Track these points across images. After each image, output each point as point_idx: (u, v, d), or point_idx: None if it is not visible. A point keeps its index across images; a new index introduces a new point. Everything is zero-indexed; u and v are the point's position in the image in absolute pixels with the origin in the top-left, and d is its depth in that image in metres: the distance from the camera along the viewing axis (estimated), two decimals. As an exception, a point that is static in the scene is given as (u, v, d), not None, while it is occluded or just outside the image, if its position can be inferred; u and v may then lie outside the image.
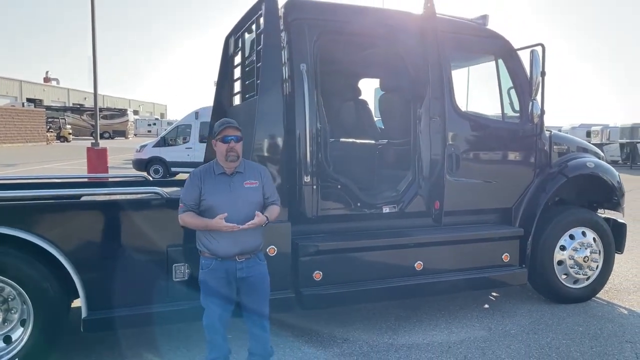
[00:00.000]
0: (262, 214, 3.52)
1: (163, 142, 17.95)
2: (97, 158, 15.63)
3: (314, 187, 4.49)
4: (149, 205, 4.08)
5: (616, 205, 5.93)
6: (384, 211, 4.77)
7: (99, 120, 17.72)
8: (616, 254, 5.77)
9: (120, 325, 3.91)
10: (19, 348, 3.68)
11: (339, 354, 4.24)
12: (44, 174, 10.74)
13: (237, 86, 6.10)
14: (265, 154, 4.33)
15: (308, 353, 4.24)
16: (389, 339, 4.56)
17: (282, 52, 4.51)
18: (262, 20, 4.82)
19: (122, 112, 59.14)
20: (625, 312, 5.32)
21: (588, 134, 32.97)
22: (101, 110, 50.82)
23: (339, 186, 4.62)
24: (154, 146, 17.95)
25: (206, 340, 3.64)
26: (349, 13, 4.71)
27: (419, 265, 4.78)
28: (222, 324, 3.60)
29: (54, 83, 69.90)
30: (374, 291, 4.61)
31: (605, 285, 5.75)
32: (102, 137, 44.37)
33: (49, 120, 47.67)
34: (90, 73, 18.19)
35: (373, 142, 5.64)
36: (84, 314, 3.74)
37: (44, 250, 3.65)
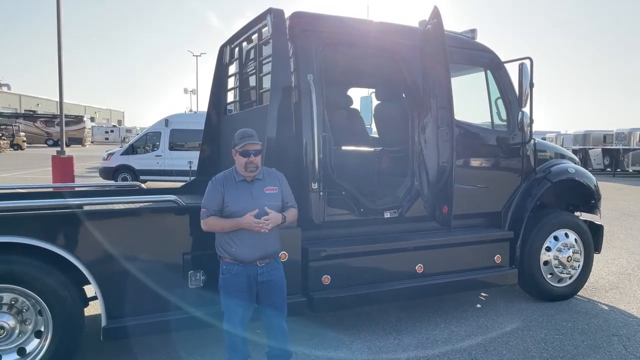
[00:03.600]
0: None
1: (131, 150, 17.58)
2: (62, 167, 15.07)
3: (321, 193, 4.62)
4: (166, 213, 4.11)
5: (593, 208, 6.33)
6: (386, 216, 4.95)
7: (53, 127, 17.11)
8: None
9: (139, 333, 3.92)
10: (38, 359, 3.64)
11: (350, 356, 4.37)
12: (38, 184, 10.35)
13: (230, 95, 6.19)
14: (274, 161, 4.42)
15: (320, 356, 4.35)
16: (394, 339, 4.73)
17: (290, 63, 4.64)
18: (265, 30, 4.95)
19: (79, 119, 57.31)
20: (606, 308, 5.68)
21: (543, 141, 34.48)
22: (56, 117, 49.11)
23: (343, 192, 4.78)
24: (122, 154, 17.56)
25: (226, 344, 3.69)
26: (353, 26, 4.89)
27: (419, 267, 4.98)
28: (243, 327, 3.66)
29: (4, 89, 67.24)
30: (379, 293, 4.78)
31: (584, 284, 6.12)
32: (57, 144, 42.81)
33: (2, 127, 45.81)
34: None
35: (373, 149, 5.82)
36: (103, 322, 3.74)
37: (61, 259, 3.64)
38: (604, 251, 8.02)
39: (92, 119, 72.13)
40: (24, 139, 47.21)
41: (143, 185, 6.22)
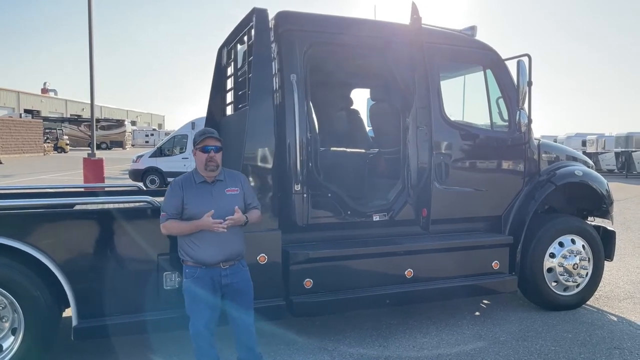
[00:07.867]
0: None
1: (159, 153, 18.00)
2: (93, 168, 15.60)
3: (304, 195, 4.54)
4: (141, 214, 4.12)
5: (605, 213, 5.99)
6: (374, 219, 4.81)
7: (96, 131, 17.63)
8: (606, 262, 5.84)
9: (111, 333, 3.93)
10: (9, 357, 3.70)
11: (329, 362, 4.27)
12: (37, 184, 10.77)
13: (229, 97, 6.19)
14: (256, 163, 4.38)
15: (298, 362, 4.26)
16: (379, 346, 4.58)
17: (273, 63, 4.58)
18: (253, 31, 4.91)
19: (120, 123, 59.29)
20: (615, 319, 5.35)
21: (583, 143, 33.21)
22: (98, 121, 50.84)
23: (329, 194, 4.68)
24: (150, 156, 18.01)
25: (194, 349, 3.66)
26: (338, 25, 4.79)
27: (409, 272, 4.81)
28: (209, 331, 3.61)
29: (51, 94, 70.06)
30: (364, 299, 4.65)
31: (596, 293, 5.80)
32: (99, 147, 44.34)
33: (47, 131, 47.72)
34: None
35: (363, 151, 5.70)
36: (74, 322, 3.77)
37: (35, 259, 3.69)
38: (624, 258, 7.67)
39: (134, 123, 74.19)
40: (67, 142, 49.04)
41: (143, 187, 6.29)
